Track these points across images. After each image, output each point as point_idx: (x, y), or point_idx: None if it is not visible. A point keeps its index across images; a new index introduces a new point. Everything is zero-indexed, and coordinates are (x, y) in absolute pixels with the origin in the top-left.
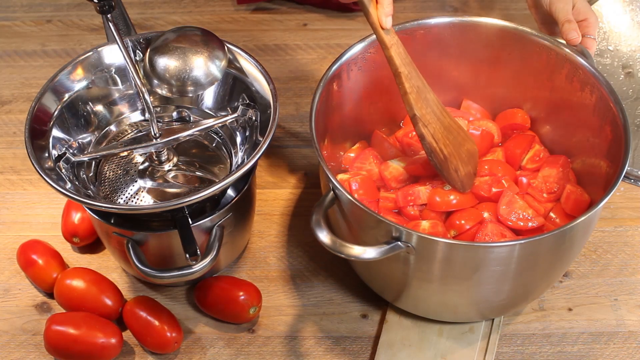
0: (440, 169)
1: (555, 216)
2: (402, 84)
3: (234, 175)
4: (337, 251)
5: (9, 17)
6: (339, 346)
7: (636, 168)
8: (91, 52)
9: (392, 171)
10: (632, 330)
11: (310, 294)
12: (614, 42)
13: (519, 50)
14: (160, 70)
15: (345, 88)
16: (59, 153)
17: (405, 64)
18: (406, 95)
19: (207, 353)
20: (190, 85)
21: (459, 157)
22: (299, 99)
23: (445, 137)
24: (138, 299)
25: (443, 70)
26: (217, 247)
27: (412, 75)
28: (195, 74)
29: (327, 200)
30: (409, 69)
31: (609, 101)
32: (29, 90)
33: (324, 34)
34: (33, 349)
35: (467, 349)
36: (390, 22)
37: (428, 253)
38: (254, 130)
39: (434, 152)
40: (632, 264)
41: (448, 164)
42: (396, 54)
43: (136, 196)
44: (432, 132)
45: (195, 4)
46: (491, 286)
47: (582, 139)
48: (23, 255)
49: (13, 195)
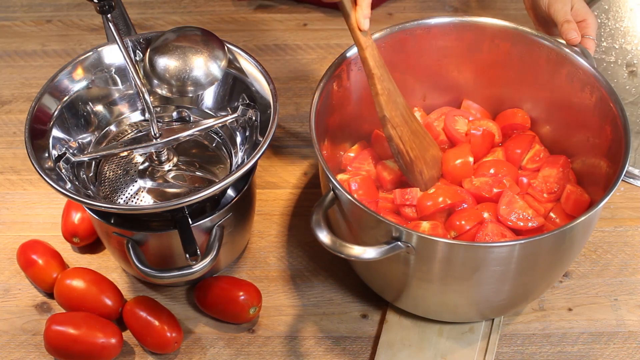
0: (406, 170)
1: (555, 216)
2: (375, 85)
3: (234, 175)
4: (337, 251)
5: (9, 17)
6: (339, 346)
7: (636, 168)
8: (91, 52)
9: (390, 172)
10: (632, 330)
11: (310, 294)
12: (619, 40)
13: (518, 50)
14: (160, 70)
15: (345, 88)
16: (59, 153)
17: (378, 66)
18: (377, 97)
19: (207, 353)
20: (190, 85)
21: (424, 161)
22: (299, 99)
23: (412, 141)
24: (138, 299)
25: (443, 70)
26: (217, 247)
27: (384, 78)
28: (195, 74)
29: (327, 200)
30: (381, 72)
31: (609, 101)
32: (29, 90)
33: (324, 34)
34: (33, 349)
35: (467, 349)
36: (367, 24)
37: (428, 253)
38: (254, 130)
39: (400, 153)
40: (632, 264)
41: (413, 166)
42: (371, 55)
43: (136, 196)
44: (400, 134)
45: (195, 4)
46: (491, 286)
47: (582, 139)
48: (23, 255)
49: (13, 195)
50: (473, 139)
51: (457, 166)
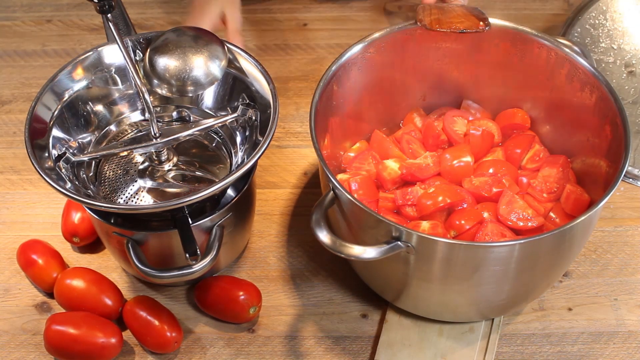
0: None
1: (555, 216)
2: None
3: (234, 175)
4: (337, 251)
5: (9, 17)
6: (339, 346)
7: (636, 168)
8: (91, 52)
9: (390, 172)
10: (632, 330)
11: (310, 294)
12: (618, 40)
13: (518, 50)
14: (160, 70)
15: (345, 88)
16: (59, 153)
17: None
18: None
19: (207, 353)
20: (190, 85)
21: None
22: (299, 99)
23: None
24: (138, 299)
25: (443, 71)
26: (217, 247)
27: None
28: (195, 74)
29: (327, 200)
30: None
31: (609, 101)
32: (29, 90)
33: (324, 34)
34: (33, 349)
35: (467, 349)
36: None
37: (428, 253)
38: (254, 130)
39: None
40: (632, 264)
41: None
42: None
43: (136, 196)
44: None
45: None
46: (491, 286)
47: (582, 139)
48: (23, 255)
49: (13, 195)
50: (472, 139)
51: (457, 166)
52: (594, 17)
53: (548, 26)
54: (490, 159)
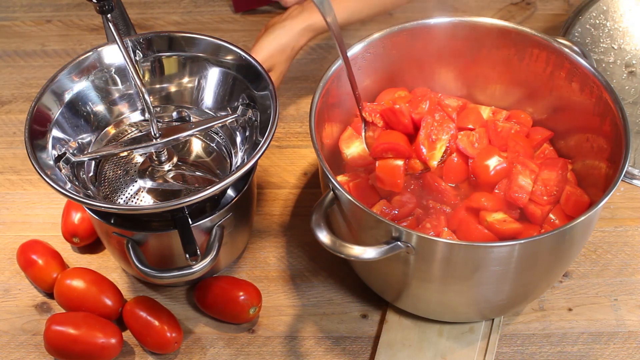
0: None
1: (555, 218)
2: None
3: (234, 175)
4: (337, 251)
5: (9, 17)
6: (339, 346)
7: (636, 168)
8: (91, 52)
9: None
10: (632, 330)
11: (310, 294)
12: (618, 40)
13: (518, 50)
14: None
15: (345, 88)
16: (59, 153)
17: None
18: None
19: (207, 353)
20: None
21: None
22: (299, 99)
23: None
24: (138, 299)
25: (443, 71)
26: (217, 247)
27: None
28: None
29: (327, 200)
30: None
31: (609, 101)
32: (29, 90)
33: (324, 34)
34: (33, 349)
35: (467, 349)
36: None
37: (428, 253)
38: (254, 130)
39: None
40: (632, 264)
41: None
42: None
43: (136, 196)
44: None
45: (195, 4)
46: (491, 286)
47: (582, 139)
48: (23, 255)
49: (13, 195)
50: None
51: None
52: (595, 17)
53: (548, 26)
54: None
